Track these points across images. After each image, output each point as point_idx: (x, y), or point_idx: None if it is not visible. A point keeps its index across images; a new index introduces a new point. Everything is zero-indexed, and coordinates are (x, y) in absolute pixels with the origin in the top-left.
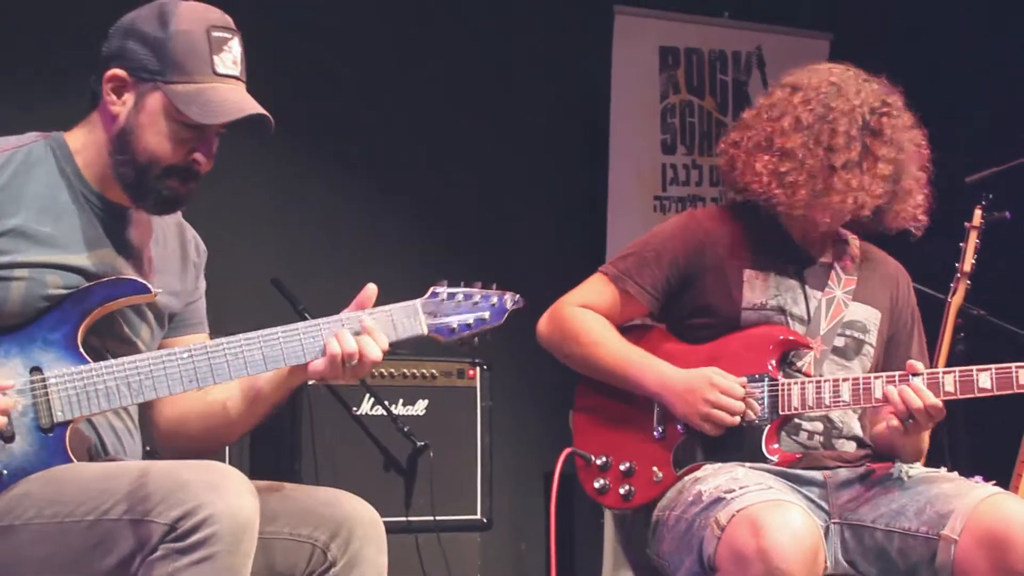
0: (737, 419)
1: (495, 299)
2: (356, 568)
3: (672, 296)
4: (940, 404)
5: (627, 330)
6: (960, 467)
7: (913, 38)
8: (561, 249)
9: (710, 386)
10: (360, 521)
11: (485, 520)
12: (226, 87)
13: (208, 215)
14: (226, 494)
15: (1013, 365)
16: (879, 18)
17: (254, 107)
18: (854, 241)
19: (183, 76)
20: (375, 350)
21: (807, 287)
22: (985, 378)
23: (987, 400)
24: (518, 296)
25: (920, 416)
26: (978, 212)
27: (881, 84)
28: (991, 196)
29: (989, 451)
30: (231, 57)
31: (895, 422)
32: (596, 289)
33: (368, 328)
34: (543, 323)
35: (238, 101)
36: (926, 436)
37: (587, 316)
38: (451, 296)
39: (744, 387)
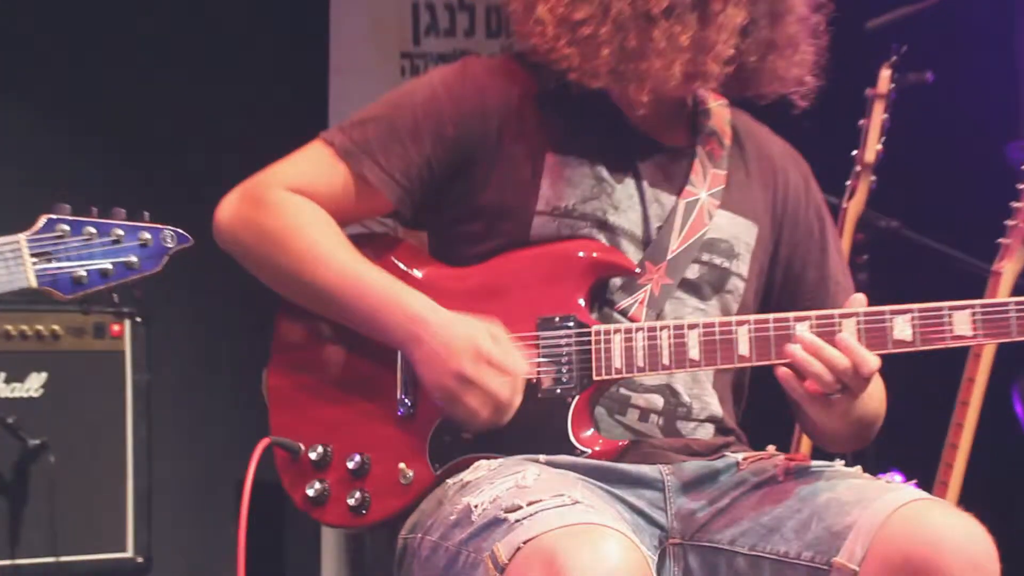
0: (507, 415)
1: (147, 234)
2: None
3: (432, 189)
4: (875, 364)
5: (358, 241)
6: (866, 462)
7: None
8: (263, 129)
9: (475, 353)
10: None
11: (141, 560)
12: None
13: None
14: None
15: (1012, 300)
16: None
17: None
18: (721, 111)
19: None
20: None
21: (646, 185)
22: (964, 321)
23: (908, 377)
24: (181, 232)
25: (848, 379)
26: (885, 74)
27: None
28: (904, 49)
29: (908, 443)
30: None
31: (809, 390)
32: (316, 167)
33: None
34: (227, 210)
35: None
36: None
37: (302, 208)
38: (77, 228)
39: (537, 363)
